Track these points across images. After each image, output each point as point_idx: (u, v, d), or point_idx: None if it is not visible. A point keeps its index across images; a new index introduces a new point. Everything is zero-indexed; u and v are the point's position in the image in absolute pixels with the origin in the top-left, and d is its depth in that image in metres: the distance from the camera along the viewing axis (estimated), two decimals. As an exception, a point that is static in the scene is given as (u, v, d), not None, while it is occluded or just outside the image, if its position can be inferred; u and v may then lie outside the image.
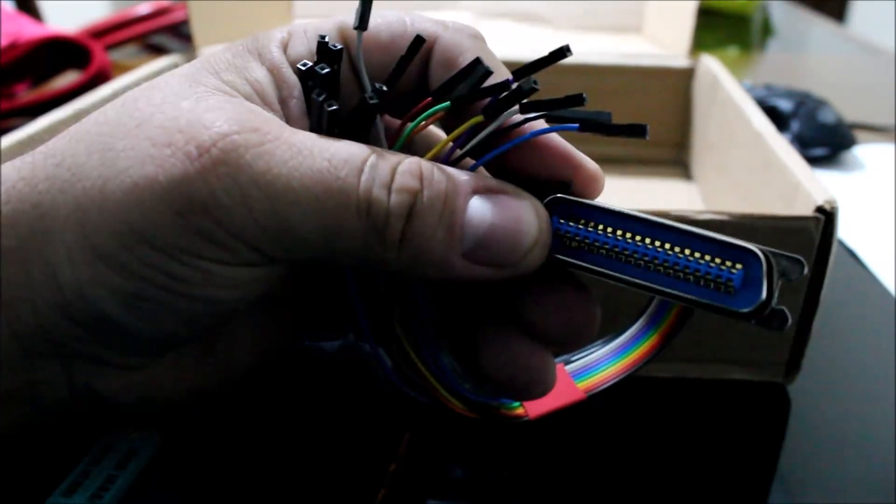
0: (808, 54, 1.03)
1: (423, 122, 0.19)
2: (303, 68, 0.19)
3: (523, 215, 0.18)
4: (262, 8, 0.61)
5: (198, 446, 0.26)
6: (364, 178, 0.17)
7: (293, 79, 0.20)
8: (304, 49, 0.20)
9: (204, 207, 0.17)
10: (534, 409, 0.22)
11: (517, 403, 0.22)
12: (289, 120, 0.19)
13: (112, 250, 0.17)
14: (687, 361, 0.32)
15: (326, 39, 0.20)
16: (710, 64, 0.51)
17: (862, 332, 0.37)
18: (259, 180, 0.17)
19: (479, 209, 0.18)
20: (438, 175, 0.18)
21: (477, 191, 0.18)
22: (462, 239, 0.18)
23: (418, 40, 0.19)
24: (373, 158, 0.17)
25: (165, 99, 0.18)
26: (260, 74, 0.19)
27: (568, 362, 0.22)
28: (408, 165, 0.18)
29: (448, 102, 0.19)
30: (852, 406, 0.32)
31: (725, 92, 0.46)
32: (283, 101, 0.19)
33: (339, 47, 0.19)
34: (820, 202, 0.28)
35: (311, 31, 0.21)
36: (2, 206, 0.18)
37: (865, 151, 0.60)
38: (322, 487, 0.25)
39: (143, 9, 0.83)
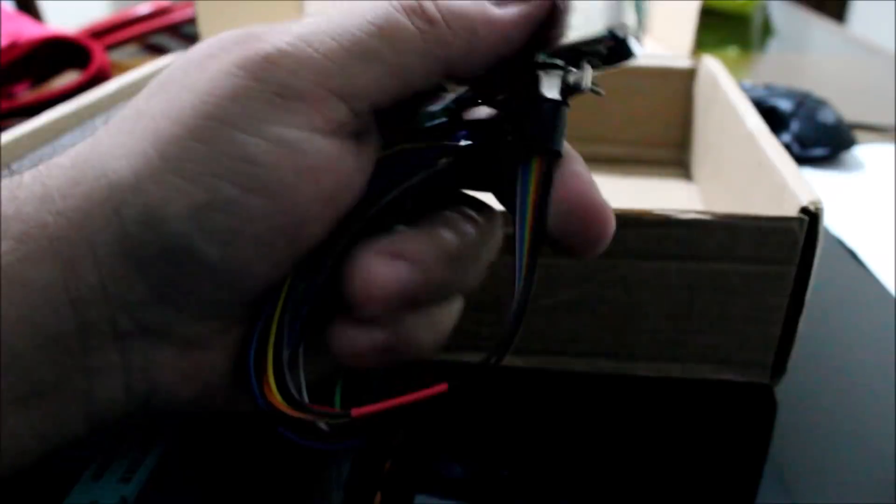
0: (808, 54, 1.03)
1: None
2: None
3: None
4: (271, 7, 0.60)
5: (213, 436, 0.26)
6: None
7: None
8: None
9: (274, 61, 0.17)
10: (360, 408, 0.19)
11: (339, 399, 0.21)
12: None
13: (184, 150, 0.17)
14: (672, 361, 0.32)
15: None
16: (711, 64, 0.51)
17: (861, 333, 0.37)
18: (312, 34, 0.18)
19: None
20: None
21: None
22: None
23: None
24: None
25: None
26: None
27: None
28: None
29: None
30: (849, 408, 0.32)
31: (723, 92, 0.46)
32: None
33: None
34: (805, 203, 0.28)
35: None
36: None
37: (865, 151, 0.60)
38: (320, 487, 0.25)
39: (143, 9, 0.83)
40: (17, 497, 0.20)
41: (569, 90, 0.20)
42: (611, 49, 0.20)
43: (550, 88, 0.19)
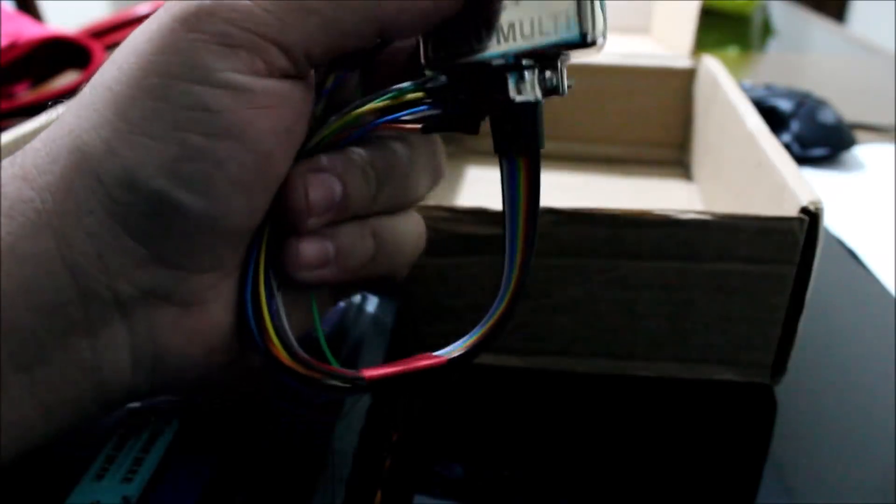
0: (808, 54, 1.03)
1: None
2: None
3: None
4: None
5: (214, 435, 0.26)
6: None
7: None
8: None
9: (210, 12, 0.18)
10: (372, 371, 0.21)
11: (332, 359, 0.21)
12: None
13: (144, 110, 0.18)
14: (672, 361, 0.32)
15: None
16: (711, 64, 0.51)
17: (861, 333, 0.37)
18: None
19: None
20: None
21: None
22: None
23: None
24: None
25: None
26: None
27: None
28: None
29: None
30: (849, 408, 0.32)
31: (723, 92, 0.46)
32: None
33: None
34: (805, 203, 0.28)
35: None
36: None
37: (865, 151, 0.60)
38: (321, 486, 0.25)
39: (143, 9, 0.83)
40: (19, 497, 0.20)
41: (547, 93, 0.20)
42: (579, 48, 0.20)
43: (525, 91, 0.20)
